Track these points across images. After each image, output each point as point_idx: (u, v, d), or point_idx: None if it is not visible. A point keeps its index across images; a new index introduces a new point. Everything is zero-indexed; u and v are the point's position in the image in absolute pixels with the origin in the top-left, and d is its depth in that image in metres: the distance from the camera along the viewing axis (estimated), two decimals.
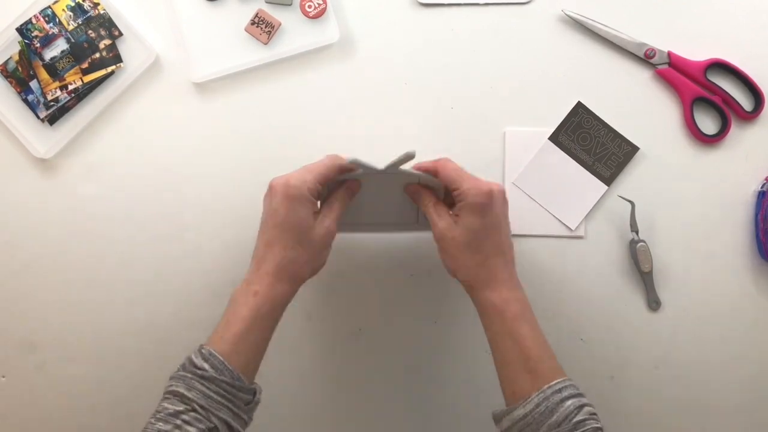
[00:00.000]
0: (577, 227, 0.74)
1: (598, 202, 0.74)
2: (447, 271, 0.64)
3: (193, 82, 0.74)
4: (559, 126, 0.74)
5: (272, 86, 0.75)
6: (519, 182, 0.75)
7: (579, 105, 0.74)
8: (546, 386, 0.57)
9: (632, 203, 0.73)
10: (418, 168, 0.66)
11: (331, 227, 0.63)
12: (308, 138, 0.75)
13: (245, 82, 0.75)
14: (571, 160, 0.74)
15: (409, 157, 0.62)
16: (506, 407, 0.59)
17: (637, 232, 0.73)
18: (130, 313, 0.75)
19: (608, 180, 0.74)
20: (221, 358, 0.57)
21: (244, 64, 0.74)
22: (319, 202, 0.64)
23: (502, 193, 0.63)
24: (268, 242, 0.61)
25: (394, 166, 0.64)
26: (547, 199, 0.74)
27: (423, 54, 0.75)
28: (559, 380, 0.58)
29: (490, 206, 0.62)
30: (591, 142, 0.74)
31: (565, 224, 0.74)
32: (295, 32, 0.74)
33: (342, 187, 0.66)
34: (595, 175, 0.74)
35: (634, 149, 0.74)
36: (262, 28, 0.73)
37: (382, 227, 0.73)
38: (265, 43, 0.73)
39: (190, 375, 0.56)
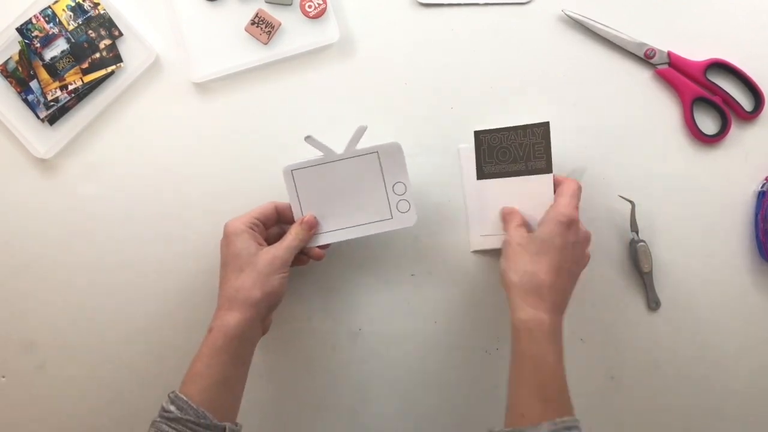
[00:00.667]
0: None
1: (598, 201, 0.74)
2: (500, 278, 0.65)
3: (193, 82, 0.74)
4: (477, 163, 0.72)
5: (272, 86, 0.75)
6: None
7: (477, 133, 0.71)
8: (558, 419, 0.57)
9: (632, 203, 0.73)
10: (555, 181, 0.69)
11: (278, 253, 0.65)
12: None
13: (245, 82, 0.75)
14: (510, 179, 0.72)
15: (361, 130, 0.65)
16: (509, 427, 0.59)
17: (637, 232, 0.73)
18: (130, 313, 0.75)
19: (547, 168, 0.70)
20: (185, 398, 0.60)
21: (244, 64, 0.74)
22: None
23: (587, 236, 0.66)
24: (219, 283, 0.66)
25: (351, 146, 0.65)
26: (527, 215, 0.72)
27: (423, 54, 0.75)
28: (570, 418, 0.58)
29: (567, 229, 0.64)
30: (509, 152, 0.71)
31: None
32: (295, 32, 0.74)
33: (297, 222, 0.69)
34: (536, 173, 0.71)
35: (544, 124, 0.69)
36: (262, 28, 0.73)
37: (356, 229, 0.70)
38: (265, 43, 0.74)
39: (159, 419, 0.59)
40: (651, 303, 0.74)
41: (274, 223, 0.70)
